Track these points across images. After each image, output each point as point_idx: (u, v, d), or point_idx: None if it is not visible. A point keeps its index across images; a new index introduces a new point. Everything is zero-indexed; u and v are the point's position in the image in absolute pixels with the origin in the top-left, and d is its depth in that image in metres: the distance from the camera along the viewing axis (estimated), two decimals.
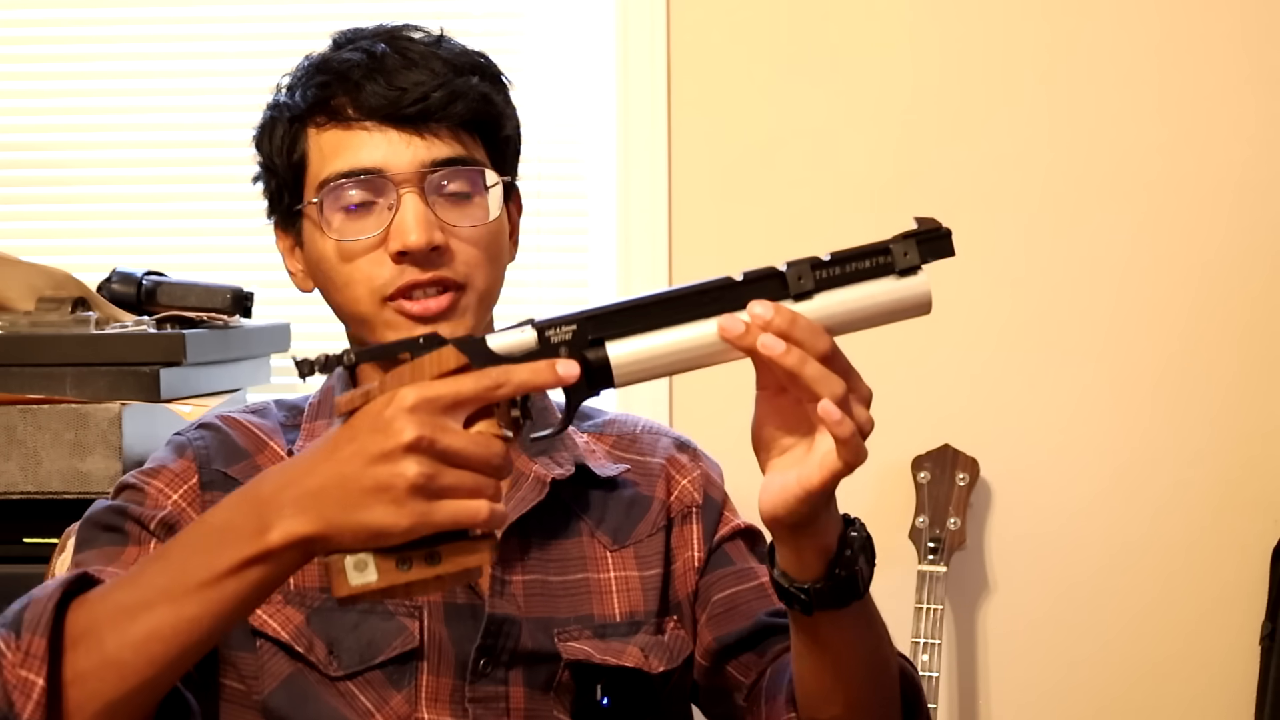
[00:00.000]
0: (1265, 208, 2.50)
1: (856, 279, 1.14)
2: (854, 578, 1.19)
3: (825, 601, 1.19)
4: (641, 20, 2.54)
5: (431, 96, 1.32)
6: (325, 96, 1.34)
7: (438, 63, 1.35)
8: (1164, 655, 2.53)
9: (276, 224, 1.42)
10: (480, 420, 1.07)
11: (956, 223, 2.75)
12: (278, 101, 1.39)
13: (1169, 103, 2.51)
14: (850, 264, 1.14)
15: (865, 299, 1.14)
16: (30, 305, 2.15)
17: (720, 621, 1.40)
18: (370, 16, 2.83)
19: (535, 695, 1.33)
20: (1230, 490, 2.51)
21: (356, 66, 1.34)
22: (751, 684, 1.37)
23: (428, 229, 1.31)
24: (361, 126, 1.33)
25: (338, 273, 1.34)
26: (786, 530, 1.17)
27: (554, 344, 1.11)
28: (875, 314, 1.14)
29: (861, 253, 1.15)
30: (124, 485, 1.36)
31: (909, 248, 1.17)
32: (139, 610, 1.08)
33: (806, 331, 1.10)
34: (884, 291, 1.15)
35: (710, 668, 1.41)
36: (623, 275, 2.55)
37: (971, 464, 2.46)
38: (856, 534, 1.20)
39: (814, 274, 1.13)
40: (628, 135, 2.54)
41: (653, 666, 1.37)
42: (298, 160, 1.36)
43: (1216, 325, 2.51)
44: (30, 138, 2.69)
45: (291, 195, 1.37)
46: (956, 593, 2.53)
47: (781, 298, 1.12)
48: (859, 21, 2.53)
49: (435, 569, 1.06)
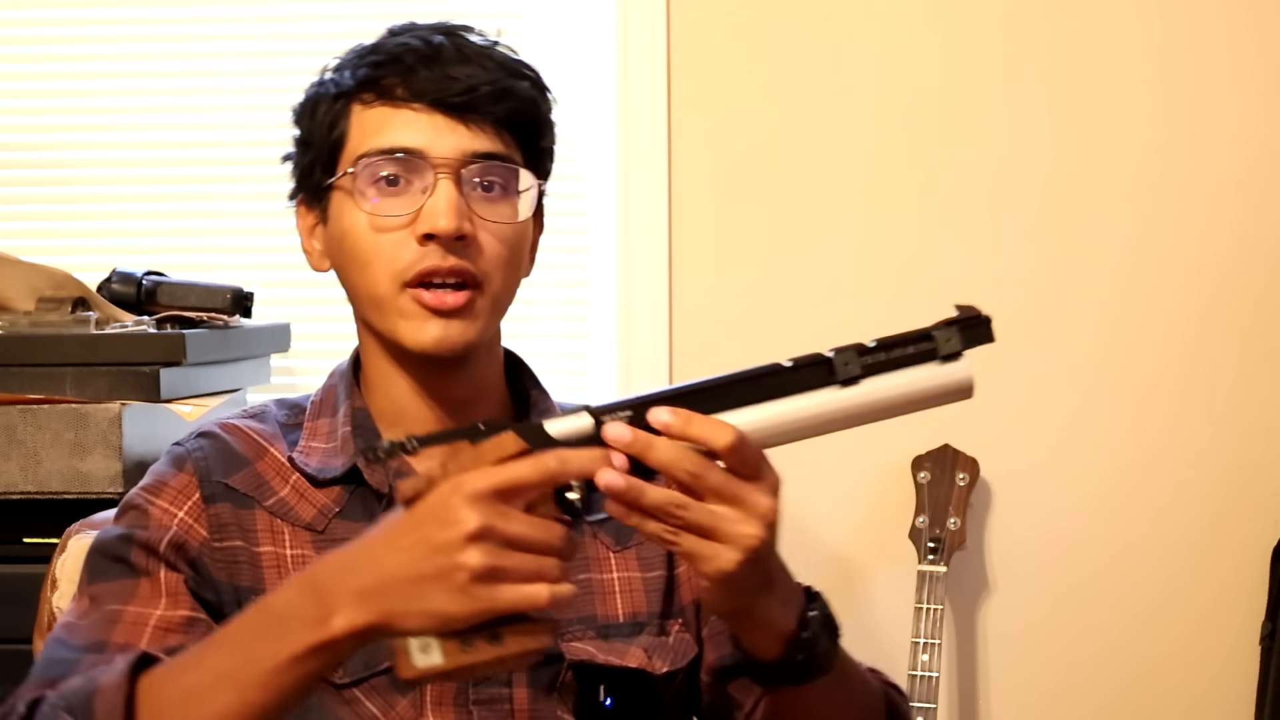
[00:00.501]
0: (1266, 208, 2.50)
1: (901, 365, 1.18)
2: (811, 658, 1.20)
3: (787, 679, 1.21)
4: (641, 20, 2.53)
5: (481, 89, 1.33)
6: (376, 76, 1.34)
7: (490, 62, 1.36)
8: (1164, 655, 2.53)
9: (301, 201, 1.42)
10: (541, 505, 1.09)
11: (957, 223, 2.76)
12: (323, 79, 1.39)
13: (1170, 103, 2.51)
14: (895, 350, 1.18)
15: (909, 385, 1.18)
16: (30, 305, 2.15)
17: (720, 642, 1.40)
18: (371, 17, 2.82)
19: (539, 696, 1.33)
20: (1230, 490, 2.51)
21: (411, 51, 1.34)
22: (750, 709, 1.38)
23: (458, 216, 1.31)
24: (409, 107, 1.33)
25: (360, 249, 1.34)
26: (729, 620, 1.20)
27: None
28: (918, 399, 1.18)
29: (906, 339, 1.18)
30: (128, 506, 1.36)
31: (951, 335, 1.19)
32: (205, 695, 1.11)
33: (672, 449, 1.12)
34: (927, 377, 1.18)
35: (713, 684, 1.41)
36: (622, 275, 2.55)
37: (971, 464, 2.45)
38: (815, 613, 1.21)
39: (860, 360, 1.17)
40: (628, 135, 2.54)
41: (656, 667, 1.37)
42: (337, 137, 1.36)
43: (1217, 325, 2.51)
44: (30, 138, 2.69)
45: (324, 170, 1.37)
46: (956, 593, 2.53)
47: (828, 384, 1.16)
48: (859, 21, 2.53)
49: (498, 649, 1.08)
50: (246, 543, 1.33)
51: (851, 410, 1.17)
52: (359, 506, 1.35)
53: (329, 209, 1.38)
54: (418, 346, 1.33)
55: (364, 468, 1.35)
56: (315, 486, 1.36)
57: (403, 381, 1.37)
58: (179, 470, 1.36)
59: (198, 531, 1.32)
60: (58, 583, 1.51)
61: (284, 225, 2.81)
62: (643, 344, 2.53)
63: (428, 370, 1.36)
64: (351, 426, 1.37)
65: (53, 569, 1.53)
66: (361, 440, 1.36)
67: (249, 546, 1.33)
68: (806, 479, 2.05)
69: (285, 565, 1.32)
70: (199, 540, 1.32)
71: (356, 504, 1.35)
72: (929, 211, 2.53)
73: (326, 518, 1.34)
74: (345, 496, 1.35)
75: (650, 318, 2.53)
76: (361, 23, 2.63)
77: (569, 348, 2.61)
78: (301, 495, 1.35)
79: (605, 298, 2.58)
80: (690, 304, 2.54)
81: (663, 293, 2.54)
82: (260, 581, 1.32)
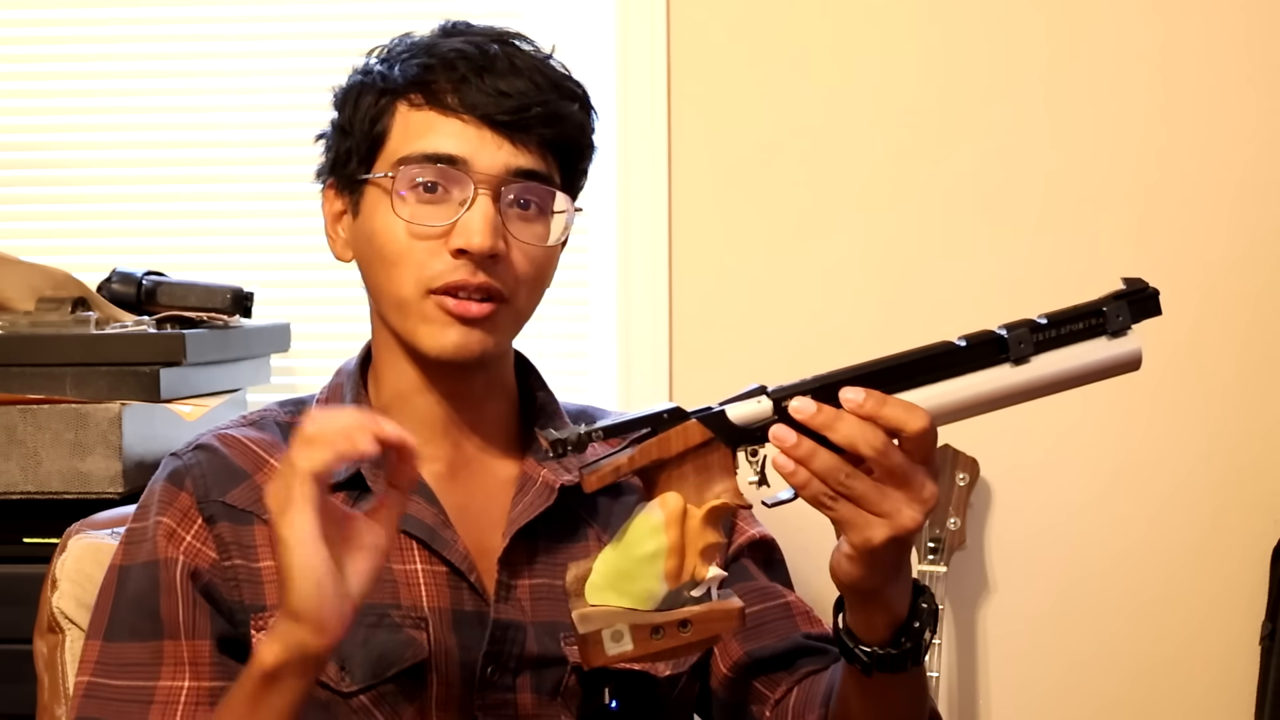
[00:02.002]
0: (1266, 209, 2.50)
1: (1071, 340, 1.19)
2: (917, 648, 1.22)
3: (885, 666, 1.22)
4: (641, 20, 2.53)
5: (533, 110, 1.32)
6: (427, 79, 1.33)
7: (543, 78, 1.35)
8: (1164, 655, 2.53)
9: (331, 185, 1.40)
10: (720, 483, 1.15)
11: (957, 222, 2.76)
12: (370, 69, 1.37)
13: (1170, 103, 2.51)
14: (1066, 326, 1.19)
15: (1080, 360, 1.19)
16: (30, 305, 2.15)
17: (750, 636, 1.40)
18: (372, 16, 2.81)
19: (543, 700, 1.33)
20: (1230, 490, 2.51)
21: (465, 58, 1.33)
22: (779, 698, 1.38)
23: (494, 235, 1.30)
24: (458, 116, 1.32)
25: (390, 251, 1.33)
26: (853, 596, 1.21)
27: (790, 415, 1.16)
28: (1089, 374, 1.20)
29: (1076, 314, 1.20)
30: (138, 538, 1.35)
31: (1121, 309, 1.21)
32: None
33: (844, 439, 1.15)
34: (1097, 352, 1.20)
35: (735, 679, 1.41)
36: (623, 275, 2.55)
37: (971, 464, 2.45)
38: (926, 605, 1.23)
39: (1033, 338, 1.18)
40: (628, 135, 2.54)
41: (659, 670, 1.37)
42: (379, 132, 1.35)
43: (1217, 325, 2.50)
44: (30, 138, 2.69)
45: (361, 163, 1.36)
46: (956, 593, 2.53)
47: (1001, 361, 1.18)
48: (859, 21, 2.53)
49: (686, 636, 1.15)
50: (246, 560, 1.32)
51: (1024, 387, 1.18)
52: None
53: (361, 203, 1.37)
54: (436, 350, 1.33)
55: (368, 473, 1.34)
56: None
57: (415, 377, 1.37)
58: (179, 490, 1.35)
59: (206, 554, 1.32)
60: (58, 582, 1.51)
61: (284, 225, 2.81)
62: (643, 344, 2.53)
63: (443, 370, 1.36)
64: None
65: (53, 569, 1.53)
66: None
67: (248, 563, 1.32)
68: None
69: None
70: (209, 563, 1.32)
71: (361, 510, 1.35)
72: (929, 212, 2.53)
73: None
74: (349, 503, 1.34)
75: (650, 318, 2.53)
76: (362, 22, 2.66)
77: (569, 348, 2.61)
78: None
79: (605, 298, 2.58)
80: (690, 304, 2.54)
81: (663, 293, 2.53)
82: (261, 597, 1.32)
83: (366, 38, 1.43)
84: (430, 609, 1.32)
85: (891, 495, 1.14)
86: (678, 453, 1.15)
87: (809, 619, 1.43)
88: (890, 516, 1.14)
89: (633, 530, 1.16)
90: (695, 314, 2.55)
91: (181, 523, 1.33)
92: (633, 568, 1.15)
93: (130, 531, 1.36)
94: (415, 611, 1.32)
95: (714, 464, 1.16)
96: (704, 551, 1.16)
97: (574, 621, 1.16)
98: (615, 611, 1.15)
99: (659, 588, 1.15)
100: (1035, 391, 1.19)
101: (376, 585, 1.31)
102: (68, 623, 1.49)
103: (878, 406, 1.14)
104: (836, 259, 2.53)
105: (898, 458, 1.14)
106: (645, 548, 1.15)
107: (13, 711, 1.97)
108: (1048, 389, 1.19)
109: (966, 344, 1.18)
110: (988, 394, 1.18)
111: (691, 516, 1.16)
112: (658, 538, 1.15)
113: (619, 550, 1.16)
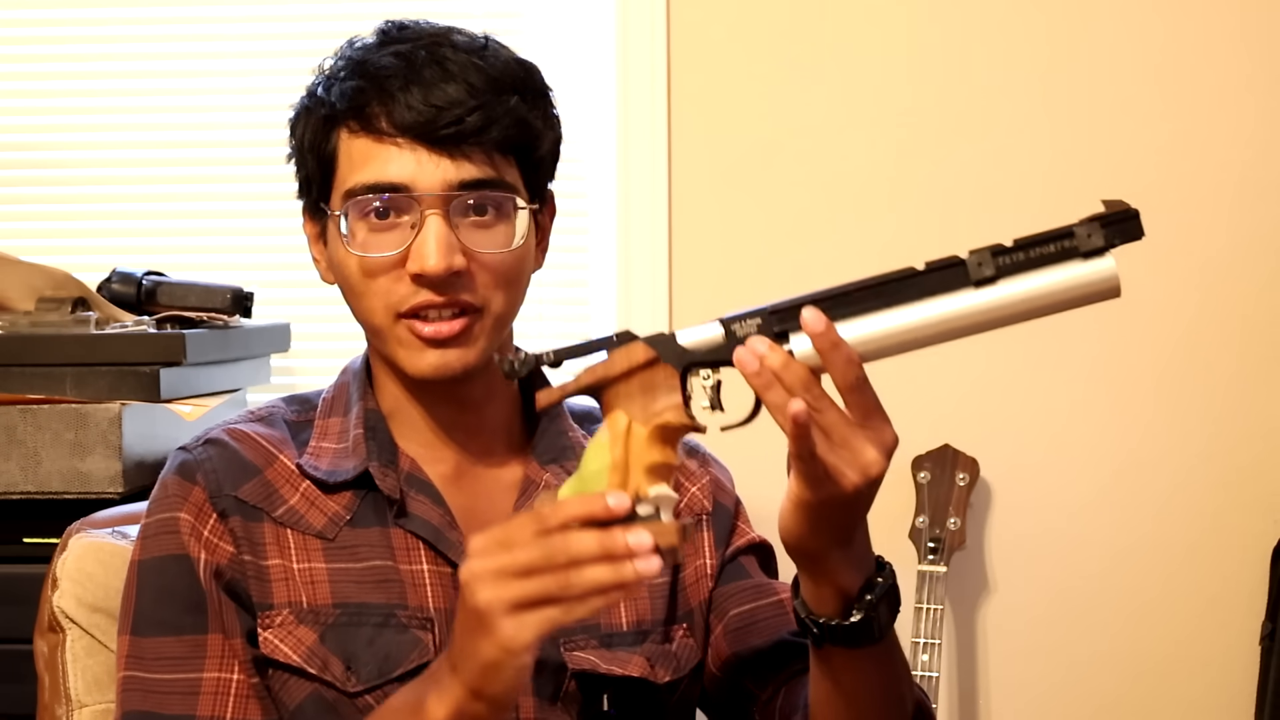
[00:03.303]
0: (1265, 208, 2.50)
1: (1040, 264, 1.13)
2: (868, 623, 1.20)
3: (837, 639, 1.20)
4: (641, 20, 2.53)
5: (466, 120, 1.29)
6: (360, 103, 1.31)
7: (477, 77, 1.31)
8: (1164, 655, 2.53)
9: (305, 209, 1.40)
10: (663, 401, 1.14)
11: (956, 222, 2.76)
12: (313, 92, 1.36)
13: (1170, 103, 2.51)
14: (1033, 249, 1.14)
15: (1049, 284, 1.13)
16: (30, 305, 2.15)
17: (739, 636, 1.40)
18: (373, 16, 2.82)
19: (544, 705, 1.33)
20: (1230, 490, 2.51)
21: (393, 76, 1.30)
22: (766, 700, 1.38)
23: (448, 253, 1.28)
24: (393, 141, 1.30)
25: (354, 283, 1.33)
26: (799, 559, 1.19)
27: (740, 337, 1.15)
28: (1059, 299, 1.14)
29: (1045, 237, 1.14)
30: (153, 530, 1.34)
31: (1093, 230, 1.14)
32: None
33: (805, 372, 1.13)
34: (1068, 276, 1.14)
35: (724, 679, 1.40)
36: (623, 275, 2.55)
37: (971, 464, 2.45)
38: (882, 580, 1.21)
39: (995, 260, 1.13)
40: (628, 135, 2.54)
41: (659, 676, 1.37)
42: (327, 158, 1.34)
43: (1216, 325, 2.51)
44: (30, 138, 2.69)
45: (318, 190, 1.36)
46: (956, 593, 2.53)
47: (963, 286, 1.13)
48: (859, 21, 2.53)
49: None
50: (255, 557, 1.32)
51: (988, 312, 1.13)
52: (370, 513, 1.34)
53: (326, 231, 1.37)
54: (416, 373, 1.32)
55: (376, 473, 1.34)
56: (325, 493, 1.34)
57: (412, 387, 1.37)
58: (192, 484, 1.34)
59: (224, 550, 1.32)
60: (58, 582, 1.51)
61: (284, 225, 2.81)
62: None
63: (435, 382, 1.35)
64: (364, 428, 1.36)
65: (53, 569, 1.53)
66: (375, 445, 1.35)
67: (256, 560, 1.32)
68: None
69: (293, 578, 1.32)
70: (228, 558, 1.32)
71: (368, 510, 1.34)
72: (929, 211, 2.53)
73: (338, 526, 1.34)
74: (356, 503, 1.34)
75: (650, 317, 2.53)
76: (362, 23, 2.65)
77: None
78: (312, 503, 1.34)
79: (605, 297, 2.58)
80: (690, 304, 2.54)
81: (663, 292, 2.54)
82: (268, 596, 1.31)
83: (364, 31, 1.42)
84: (436, 610, 1.32)
85: (857, 431, 1.12)
86: (622, 371, 1.14)
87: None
88: (859, 454, 1.12)
89: (586, 454, 1.16)
90: (695, 313, 2.54)
91: (199, 518, 1.33)
92: (583, 487, 1.14)
93: (146, 525, 1.35)
94: (421, 612, 1.32)
95: (659, 384, 1.15)
96: (650, 469, 1.14)
97: None
98: None
99: None
100: (1002, 317, 1.13)
101: (383, 586, 1.31)
102: (68, 622, 1.49)
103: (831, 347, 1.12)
104: (836, 259, 2.53)
105: (837, 414, 1.12)
106: (593, 466, 1.14)
107: (13, 711, 1.97)
108: (1016, 315, 1.13)
109: (926, 268, 1.14)
110: (949, 319, 1.14)
111: (636, 434, 1.14)
112: (603, 455, 1.14)
113: (576, 475, 1.16)
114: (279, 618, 1.31)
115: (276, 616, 1.31)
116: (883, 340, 1.15)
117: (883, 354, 1.15)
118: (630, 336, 1.15)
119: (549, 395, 1.17)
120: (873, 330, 1.14)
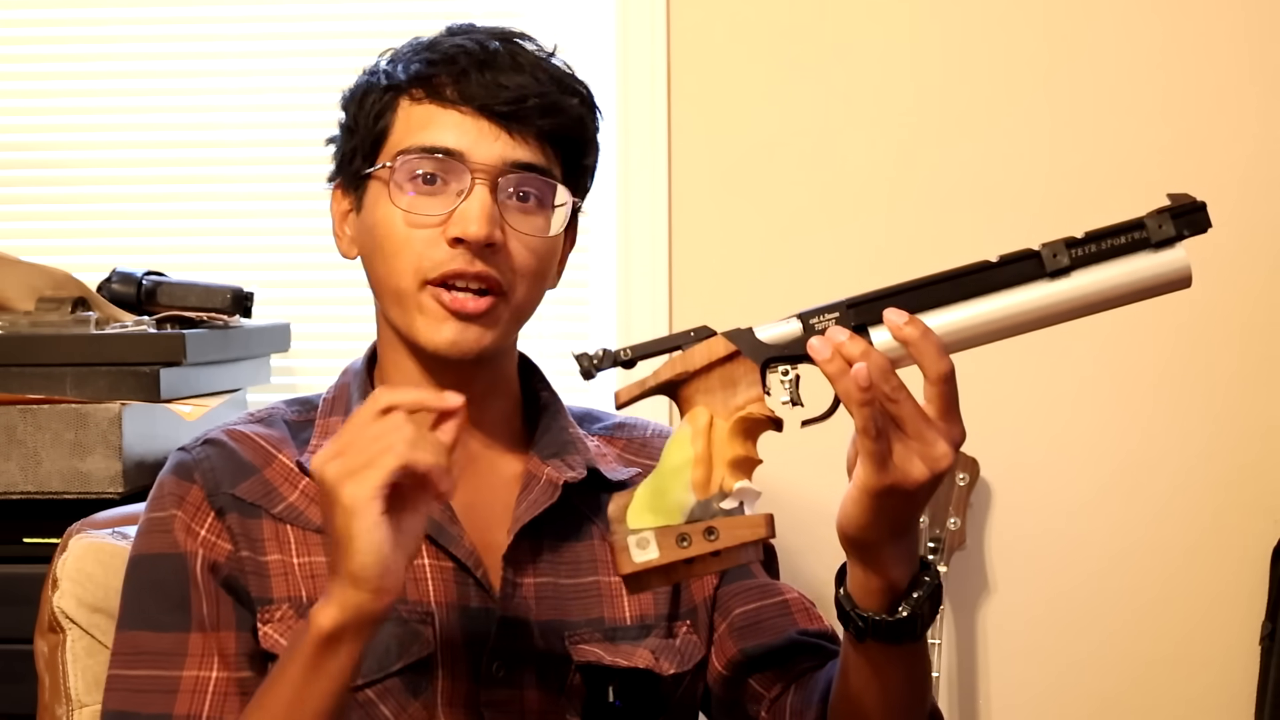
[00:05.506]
0: (1266, 208, 2.50)
1: (1113, 255, 1.16)
2: (914, 620, 1.21)
3: (880, 635, 1.22)
4: (641, 20, 2.54)
5: (529, 100, 1.33)
6: (428, 74, 1.34)
7: (544, 74, 1.36)
8: (1164, 655, 2.53)
9: (339, 186, 1.41)
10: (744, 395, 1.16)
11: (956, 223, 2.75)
12: (376, 69, 1.39)
13: (1170, 103, 2.51)
14: (1105, 240, 1.16)
15: (1122, 275, 1.16)
16: (30, 305, 2.15)
17: (745, 634, 1.41)
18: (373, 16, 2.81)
19: (548, 698, 1.33)
20: (1230, 490, 2.51)
21: (466, 54, 1.34)
22: (775, 697, 1.38)
23: (490, 223, 1.31)
24: (456, 109, 1.33)
25: (390, 241, 1.34)
26: (854, 551, 1.21)
27: (818, 330, 1.16)
28: (1132, 290, 1.17)
29: (1116, 229, 1.17)
30: (155, 528, 1.35)
31: (1164, 221, 1.17)
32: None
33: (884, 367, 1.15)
34: (1141, 267, 1.17)
35: (731, 677, 1.41)
36: (623, 276, 2.55)
37: (971, 464, 2.46)
38: (929, 579, 1.22)
39: (1069, 252, 1.16)
40: (628, 135, 2.54)
41: (663, 669, 1.37)
42: (382, 128, 1.36)
43: (1217, 325, 2.51)
44: (30, 138, 2.69)
45: (365, 159, 1.37)
46: (956, 593, 2.53)
47: (1039, 278, 1.16)
48: (859, 21, 2.53)
49: (713, 544, 1.13)
50: (253, 553, 1.33)
51: (1065, 303, 1.16)
52: None
53: (364, 197, 1.38)
54: (432, 346, 1.33)
55: None
56: None
57: (419, 375, 1.37)
58: (189, 483, 1.35)
59: (222, 547, 1.33)
60: (58, 582, 1.51)
61: (284, 225, 2.81)
62: None
63: (445, 366, 1.36)
64: None
65: (53, 569, 1.53)
66: None
67: (255, 556, 1.33)
68: (806, 479, 2.05)
69: (293, 573, 1.32)
70: (225, 555, 1.33)
71: None
72: (929, 211, 2.53)
73: None
74: None
75: (650, 317, 2.53)
76: (362, 23, 2.66)
77: (569, 347, 2.60)
78: (311, 500, 1.35)
79: (605, 298, 2.58)
80: (690, 303, 2.54)
81: (663, 293, 2.54)
82: (268, 591, 1.32)
83: (366, 38, 1.44)
84: (436, 604, 1.32)
85: (930, 424, 1.15)
86: (702, 366, 1.16)
87: (808, 615, 1.43)
88: (930, 447, 1.14)
89: (666, 450, 1.17)
90: (695, 314, 2.55)
91: (195, 517, 1.34)
92: (664, 483, 1.15)
93: (143, 523, 1.36)
94: (421, 606, 1.32)
95: (740, 378, 1.17)
96: (733, 463, 1.15)
97: (611, 545, 1.17)
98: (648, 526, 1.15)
99: (687, 498, 1.15)
100: (1076, 309, 1.16)
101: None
102: (68, 622, 1.50)
103: (921, 335, 1.15)
104: (836, 259, 2.54)
105: (913, 405, 1.15)
106: (674, 460, 1.16)
107: (13, 711, 1.97)
108: (1090, 306, 1.16)
109: (1000, 261, 1.16)
110: (1025, 311, 1.16)
111: (718, 428, 1.16)
112: (685, 450, 1.16)
113: (655, 473, 1.17)
114: (279, 612, 1.31)
115: (276, 611, 1.31)
116: (963, 333, 1.17)
117: (963, 346, 1.18)
118: (709, 332, 1.16)
119: (629, 392, 1.18)
120: (953, 322, 1.17)
